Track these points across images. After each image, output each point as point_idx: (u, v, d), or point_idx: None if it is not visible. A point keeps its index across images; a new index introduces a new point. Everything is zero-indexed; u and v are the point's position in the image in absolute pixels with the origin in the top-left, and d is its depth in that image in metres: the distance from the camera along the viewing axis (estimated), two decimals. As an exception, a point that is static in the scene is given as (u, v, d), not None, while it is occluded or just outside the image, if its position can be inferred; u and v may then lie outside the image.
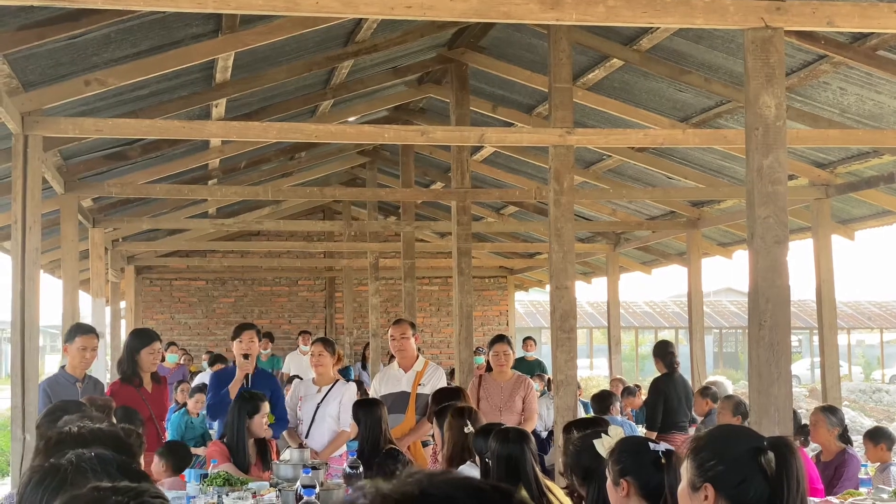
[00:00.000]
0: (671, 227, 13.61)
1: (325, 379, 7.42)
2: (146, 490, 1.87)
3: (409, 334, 7.82)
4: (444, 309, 20.89)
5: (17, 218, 6.65)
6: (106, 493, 1.85)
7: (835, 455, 7.04)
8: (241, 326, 7.71)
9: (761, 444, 2.81)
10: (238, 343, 7.48)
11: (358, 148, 15.13)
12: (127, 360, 7.06)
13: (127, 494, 1.84)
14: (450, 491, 1.23)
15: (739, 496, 2.78)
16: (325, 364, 7.44)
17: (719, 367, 36.82)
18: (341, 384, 7.42)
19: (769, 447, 2.80)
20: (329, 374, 7.46)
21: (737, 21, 5.01)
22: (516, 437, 4.64)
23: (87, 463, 2.34)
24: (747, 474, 2.78)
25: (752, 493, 2.77)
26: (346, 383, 7.53)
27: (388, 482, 1.25)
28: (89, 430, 3.14)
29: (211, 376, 7.90)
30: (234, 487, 5.74)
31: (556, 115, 7.66)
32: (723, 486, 2.80)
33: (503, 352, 8.12)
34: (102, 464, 2.35)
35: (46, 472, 2.34)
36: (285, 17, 6.97)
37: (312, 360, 7.53)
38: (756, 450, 2.80)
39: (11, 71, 6.43)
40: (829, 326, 10.23)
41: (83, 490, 1.90)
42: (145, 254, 18.11)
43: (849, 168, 9.88)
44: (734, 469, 2.80)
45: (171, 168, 11.34)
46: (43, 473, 2.34)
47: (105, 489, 1.87)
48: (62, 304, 9.74)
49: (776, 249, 4.92)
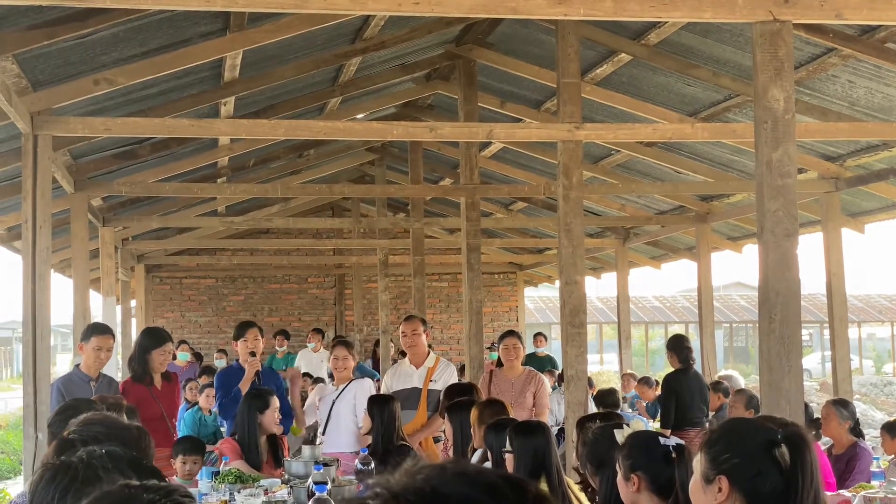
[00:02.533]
0: (680, 222, 13.58)
1: (344, 379, 7.51)
2: (176, 489, 1.89)
3: (420, 331, 7.85)
4: (454, 305, 20.88)
5: (27, 217, 6.68)
6: (137, 491, 1.86)
7: (846, 448, 7.03)
8: (245, 325, 7.74)
9: (775, 437, 2.80)
10: (243, 342, 7.52)
11: (366, 145, 15.14)
12: (138, 360, 7.09)
13: (158, 493, 1.85)
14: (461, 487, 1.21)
15: (754, 489, 2.77)
16: (348, 367, 7.53)
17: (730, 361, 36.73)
18: (356, 382, 7.50)
19: (783, 440, 2.79)
20: (349, 375, 7.55)
21: (745, 14, 5.01)
22: (541, 430, 4.65)
23: (98, 460, 2.35)
24: (762, 467, 2.78)
25: (767, 486, 2.76)
26: (360, 379, 7.60)
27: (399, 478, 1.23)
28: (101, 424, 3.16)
29: (217, 376, 7.88)
30: (246, 484, 5.76)
31: (565, 111, 7.66)
32: (737, 479, 2.79)
33: (513, 346, 8.14)
34: (113, 461, 2.36)
35: (57, 470, 2.35)
36: (293, 15, 6.98)
37: (337, 363, 7.54)
38: (770, 442, 2.79)
39: (21, 71, 6.45)
40: (840, 320, 10.22)
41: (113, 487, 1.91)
42: (155, 252, 18.15)
43: (858, 161, 9.85)
44: (748, 462, 2.79)
45: (180, 167, 11.37)
46: (54, 471, 2.35)
47: (136, 487, 1.88)
48: (73, 303, 9.77)
49: (786, 243, 4.91)
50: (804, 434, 2.87)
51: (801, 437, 2.82)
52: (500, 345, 8.30)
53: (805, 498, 2.75)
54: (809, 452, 2.80)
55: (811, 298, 33.89)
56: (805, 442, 2.82)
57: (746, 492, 2.77)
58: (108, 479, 2.27)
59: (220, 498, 5.58)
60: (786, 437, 2.80)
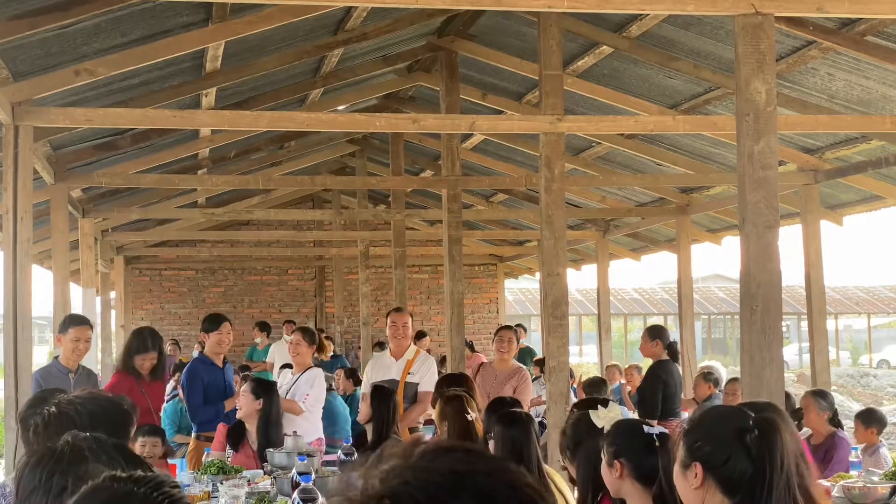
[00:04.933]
0: (660, 214, 13.63)
1: (301, 367, 7.68)
2: (164, 480, 1.87)
3: (409, 323, 8.04)
4: (434, 297, 20.91)
5: (8, 208, 6.65)
6: (127, 484, 1.83)
7: (825, 438, 7.10)
8: (218, 317, 7.74)
9: (747, 424, 2.88)
10: (217, 335, 7.51)
11: (347, 136, 15.12)
12: (124, 358, 7.12)
13: (148, 485, 1.83)
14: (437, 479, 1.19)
15: (726, 475, 2.85)
16: (301, 353, 7.69)
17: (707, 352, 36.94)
18: (311, 371, 7.64)
19: (755, 426, 2.86)
20: (306, 361, 7.71)
21: (727, 7, 5.04)
22: (521, 420, 4.68)
23: (83, 442, 2.36)
24: (732, 453, 2.85)
25: (737, 472, 2.84)
26: (314, 369, 7.73)
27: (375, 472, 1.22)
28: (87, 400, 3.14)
29: (185, 372, 7.73)
30: (229, 475, 5.77)
31: (547, 103, 7.68)
32: (710, 466, 2.87)
33: (508, 339, 8.31)
34: (99, 444, 2.37)
35: (43, 454, 2.35)
36: (276, 6, 6.96)
37: (290, 348, 7.76)
38: (741, 430, 2.87)
39: (1, 61, 6.43)
40: (818, 312, 10.28)
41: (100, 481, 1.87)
42: (135, 244, 18.09)
43: (837, 153, 9.92)
44: (720, 448, 2.88)
45: (160, 158, 11.32)
46: (40, 455, 2.36)
47: (124, 479, 1.85)
48: (53, 294, 9.71)
49: (767, 234, 4.95)
50: (775, 420, 2.92)
51: (770, 423, 2.89)
52: (496, 336, 8.50)
53: (775, 483, 2.81)
54: (780, 437, 2.85)
55: (789, 290, 34.08)
56: (775, 427, 2.87)
57: (719, 478, 2.85)
58: (93, 460, 2.28)
59: (203, 489, 5.59)
60: (757, 423, 2.87)
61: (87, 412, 3.03)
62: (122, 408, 3.23)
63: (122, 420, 3.15)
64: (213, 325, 7.59)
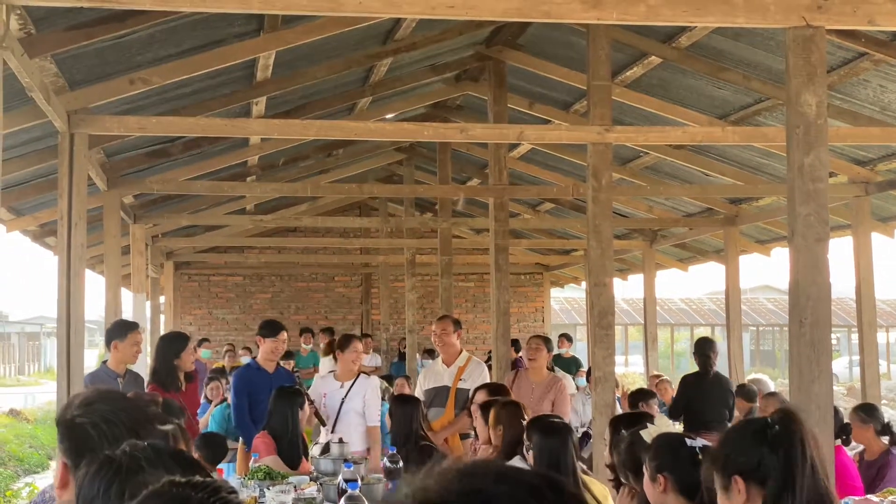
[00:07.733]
0: (708, 224, 13.56)
1: (348, 375, 7.34)
2: (221, 486, 1.91)
3: (449, 330, 7.95)
4: (480, 305, 20.92)
5: (62, 214, 6.77)
6: (186, 489, 1.88)
7: (878, 455, 7.00)
8: (277, 325, 7.65)
9: (766, 422, 2.95)
10: (272, 341, 7.47)
11: (395, 145, 15.20)
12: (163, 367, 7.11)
13: (205, 490, 1.87)
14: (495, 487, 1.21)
15: (761, 476, 2.89)
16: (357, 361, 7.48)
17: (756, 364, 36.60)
18: (363, 379, 7.37)
19: (775, 422, 2.90)
20: (354, 369, 7.39)
21: (778, 20, 5.01)
22: (559, 430, 4.69)
23: (141, 452, 2.40)
24: (761, 454, 2.90)
25: (770, 470, 2.88)
26: (367, 378, 7.47)
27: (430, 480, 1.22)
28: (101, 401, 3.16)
29: (234, 376, 7.71)
30: (276, 481, 5.82)
31: (595, 113, 7.67)
32: (746, 474, 2.91)
33: (536, 346, 8.24)
34: (157, 453, 2.41)
35: (102, 464, 2.40)
36: (327, 17, 7.03)
37: (353, 356, 7.42)
38: (762, 428, 2.92)
39: (58, 70, 6.54)
40: (869, 324, 10.17)
41: (160, 486, 1.92)
42: (184, 249, 18.28)
43: (889, 165, 9.82)
44: (750, 453, 2.92)
45: (210, 165, 11.47)
46: (98, 465, 2.40)
47: (183, 485, 1.89)
48: (105, 299, 9.85)
49: (817, 247, 4.91)
50: (793, 412, 2.98)
51: (789, 415, 2.94)
52: (526, 345, 8.47)
53: (803, 467, 2.86)
54: (800, 426, 2.91)
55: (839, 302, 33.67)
56: (793, 418, 2.94)
57: (758, 481, 2.90)
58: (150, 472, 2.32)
59: (251, 494, 5.65)
60: (775, 419, 2.92)
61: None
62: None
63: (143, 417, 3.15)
64: (272, 332, 7.53)
